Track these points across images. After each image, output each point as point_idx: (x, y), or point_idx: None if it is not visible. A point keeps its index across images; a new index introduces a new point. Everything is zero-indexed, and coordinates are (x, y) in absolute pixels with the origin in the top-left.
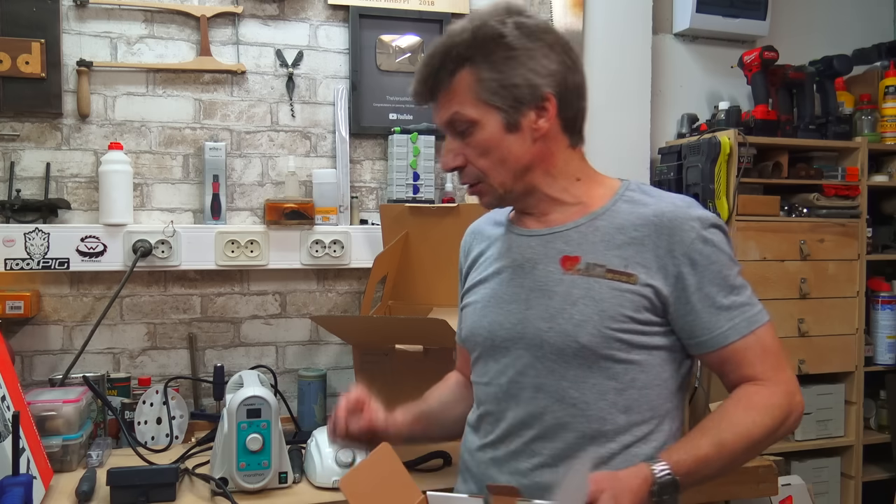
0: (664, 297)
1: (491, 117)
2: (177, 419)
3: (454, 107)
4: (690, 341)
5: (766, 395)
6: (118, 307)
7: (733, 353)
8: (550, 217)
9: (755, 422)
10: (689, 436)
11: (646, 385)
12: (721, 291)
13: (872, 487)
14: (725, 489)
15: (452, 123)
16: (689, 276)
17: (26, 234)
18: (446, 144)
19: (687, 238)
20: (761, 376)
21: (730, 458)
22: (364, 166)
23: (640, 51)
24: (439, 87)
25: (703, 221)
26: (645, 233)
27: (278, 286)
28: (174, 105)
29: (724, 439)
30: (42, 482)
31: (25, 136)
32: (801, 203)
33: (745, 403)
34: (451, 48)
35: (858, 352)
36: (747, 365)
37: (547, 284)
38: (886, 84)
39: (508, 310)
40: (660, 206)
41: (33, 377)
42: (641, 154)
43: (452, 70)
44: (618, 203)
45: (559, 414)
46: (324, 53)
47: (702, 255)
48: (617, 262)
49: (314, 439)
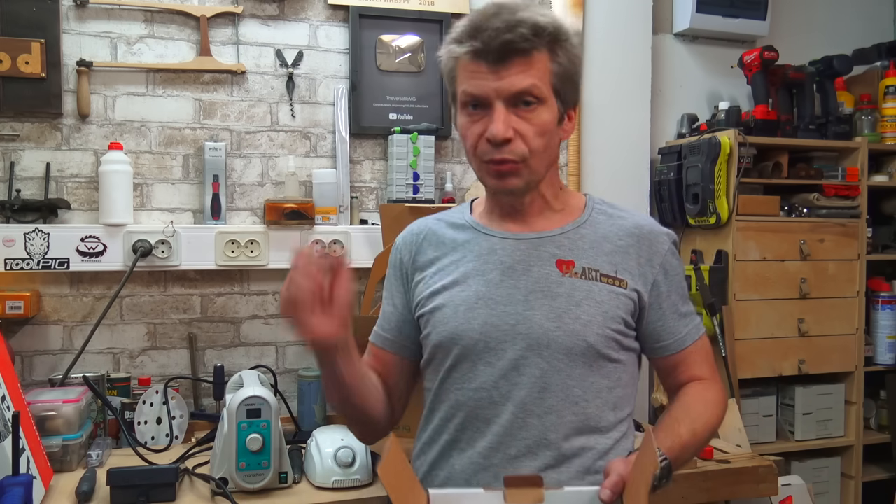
0: (644, 302)
1: (554, 103)
2: (177, 419)
3: (533, 79)
4: (655, 345)
5: (714, 391)
6: (118, 307)
7: (687, 356)
8: (534, 222)
9: (712, 413)
10: (665, 425)
11: (627, 384)
12: (681, 300)
13: (872, 487)
14: (725, 489)
15: (522, 94)
16: (663, 285)
17: (26, 234)
18: (499, 113)
19: (662, 249)
20: (705, 376)
21: (699, 444)
22: (364, 166)
23: (640, 51)
24: (517, 53)
25: (669, 236)
26: (629, 242)
27: (278, 286)
28: (174, 105)
29: (696, 428)
30: (42, 482)
31: (25, 136)
32: (801, 203)
33: (703, 398)
34: (542, 26)
35: (858, 352)
36: (696, 367)
37: (548, 286)
38: (886, 84)
39: (505, 311)
40: (636, 220)
41: (33, 377)
42: (641, 154)
43: (539, 45)
44: (593, 214)
45: (564, 413)
46: (324, 53)
47: (671, 266)
48: (608, 267)
49: (314, 439)
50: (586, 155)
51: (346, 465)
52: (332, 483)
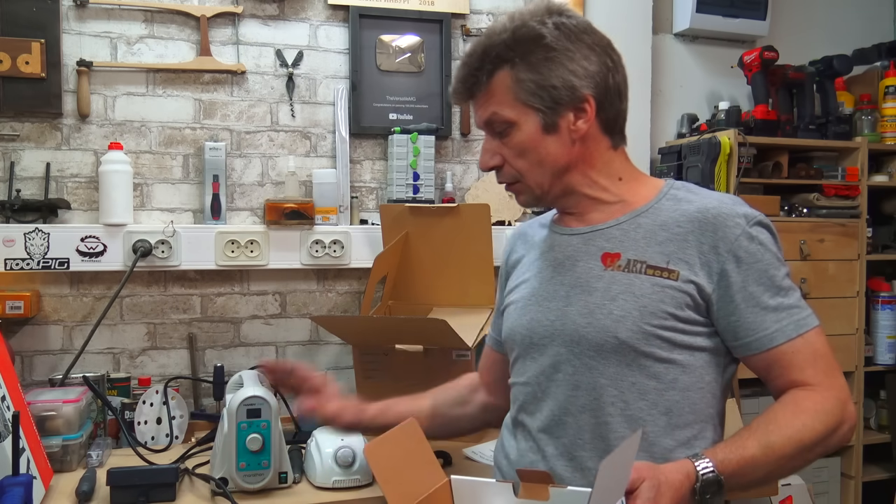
0: (707, 294)
1: (529, 118)
2: (177, 419)
3: (492, 107)
4: (735, 343)
5: (818, 399)
6: (118, 307)
7: (780, 356)
8: (591, 216)
9: (805, 425)
10: (734, 436)
11: (688, 387)
12: (767, 292)
13: (872, 487)
14: None
15: (490, 123)
16: (734, 274)
17: (26, 234)
18: (484, 144)
19: (732, 234)
20: (811, 381)
21: (777, 462)
22: (364, 166)
23: (640, 51)
24: (478, 87)
25: (748, 219)
26: (688, 229)
27: (278, 286)
28: (174, 105)
29: (772, 441)
30: (42, 482)
31: (25, 136)
32: (801, 203)
33: (794, 407)
34: (490, 48)
35: (858, 352)
36: (796, 369)
37: (588, 281)
38: (886, 84)
39: (548, 307)
40: (704, 203)
41: (33, 377)
42: (641, 154)
43: (491, 70)
44: (661, 201)
45: (599, 413)
46: (324, 53)
47: (747, 252)
48: (658, 258)
49: (314, 439)
50: None
51: (347, 465)
52: (333, 483)
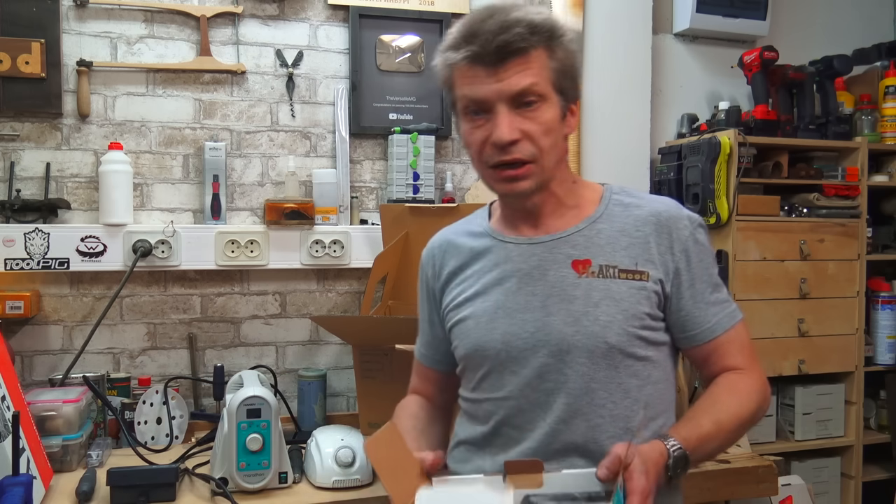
0: (666, 292)
1: (556, 100)
2: (177, 419)
3: (533, 77)
4: (681, 335)
5: (749, 382)
6: (118, 307)
7: (718, 346)
8: (548, 223)
9: (742, 404)
10: (688, 416)
11: (658, 380)
12: (708, 287)
13: (872, 487)
14: (726, 489)
15: (523, 93)
16: (684, 272)
17: (26, 234)
18: (502, 116)
19: (682, 236)
20: (741, 366)
21: (725, 436)
22: (364, 166)
23: (640, 51)
24: (514, 53)
25: (692, 221)
26: (647, 231)
27: (278, 286)
28: (174, 105)
29: (720, 419)
30: (42, 482)
31: (25, 136)
32: (801, 203)
33: (732, 389)
34: (538, 24)
35: (858, 352)
36: (730, 357)
37: (564, 289)
38: (886, 84)
39: (524, 319)
40: (654, 207)
41: (33, 377)
42: (641, 154)
43: (536, 43)
44: (609, 206)
45: (591, 417)
46: (324, 53)
47: (694, 252)
48: (627, 261)
49: (314, 439)
50: (586, 155)
51: (346, 465)
52: (332, 483)
